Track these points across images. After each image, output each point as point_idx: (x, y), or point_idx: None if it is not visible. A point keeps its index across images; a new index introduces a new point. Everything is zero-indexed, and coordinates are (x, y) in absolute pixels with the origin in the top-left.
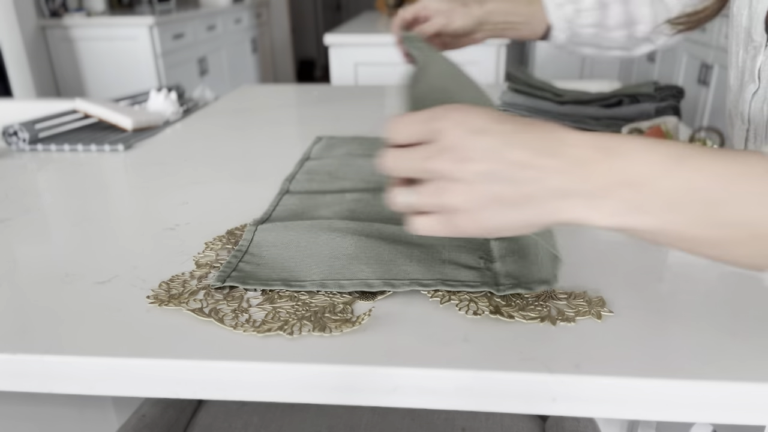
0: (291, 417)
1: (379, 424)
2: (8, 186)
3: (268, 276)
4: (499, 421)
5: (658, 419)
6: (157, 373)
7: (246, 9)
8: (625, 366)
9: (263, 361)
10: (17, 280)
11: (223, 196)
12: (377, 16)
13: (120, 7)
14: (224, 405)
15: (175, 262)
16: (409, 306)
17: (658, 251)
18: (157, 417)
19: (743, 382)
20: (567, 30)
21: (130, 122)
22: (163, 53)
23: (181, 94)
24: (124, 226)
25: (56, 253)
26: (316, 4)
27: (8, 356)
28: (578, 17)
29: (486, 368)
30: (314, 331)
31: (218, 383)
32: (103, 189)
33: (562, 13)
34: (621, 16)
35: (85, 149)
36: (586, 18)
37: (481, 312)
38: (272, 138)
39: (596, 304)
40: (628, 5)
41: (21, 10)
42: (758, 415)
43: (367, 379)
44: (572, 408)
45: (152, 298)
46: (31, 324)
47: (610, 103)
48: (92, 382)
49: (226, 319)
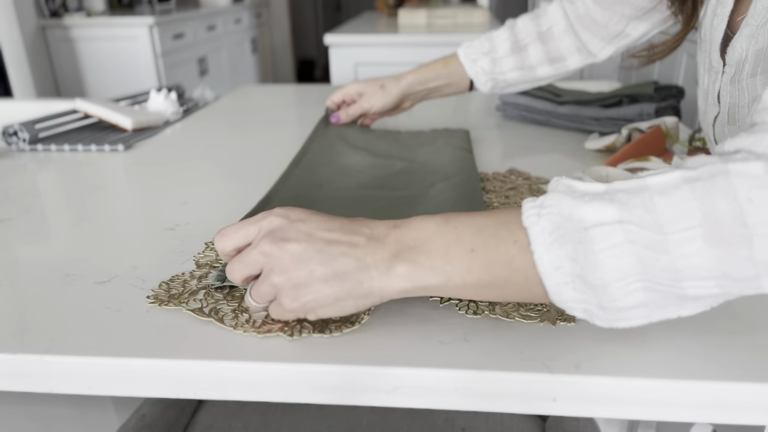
0: (291, 417)
1: (379, 424)
2: (8, 186)
3: None
4: (499, 421)
5: (658, 419)
6: (157, 373)
7: (246, 9)
8: (625, 366)
9: (263, 361)
10: (17, 280)
11: (223, 196)
12: (377, 16)
13: (120, 7)
14: (224, 405)
15: (175, 262)
16: (409, 306)
17: None
18: (157, 417)
19: (743, 382)
20: (489, 81)
21: (130, 122)
22: (163, 53)
23: (181, 94)
24: (124, 226)
25: (56, 253)
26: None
27: (8, 356)
28: (496, 66)
29: (486, 368)
30: (314, 332)
31: (218, 383)
32: (103, 189)
33: (479, 67)
34: (543, 54)
35: (85, 149)
36: (505, 65)
37: (480, 312)
38: (272, 138)
39: None
40: (548, 44)
41: (21, 10)
42: (758, 415)
43: (367, 379)
44: (572, 408)
45: (152, 298)
46: (31, 324)
47: (610, 104)
48: (92, 382)
49: (226, 319)
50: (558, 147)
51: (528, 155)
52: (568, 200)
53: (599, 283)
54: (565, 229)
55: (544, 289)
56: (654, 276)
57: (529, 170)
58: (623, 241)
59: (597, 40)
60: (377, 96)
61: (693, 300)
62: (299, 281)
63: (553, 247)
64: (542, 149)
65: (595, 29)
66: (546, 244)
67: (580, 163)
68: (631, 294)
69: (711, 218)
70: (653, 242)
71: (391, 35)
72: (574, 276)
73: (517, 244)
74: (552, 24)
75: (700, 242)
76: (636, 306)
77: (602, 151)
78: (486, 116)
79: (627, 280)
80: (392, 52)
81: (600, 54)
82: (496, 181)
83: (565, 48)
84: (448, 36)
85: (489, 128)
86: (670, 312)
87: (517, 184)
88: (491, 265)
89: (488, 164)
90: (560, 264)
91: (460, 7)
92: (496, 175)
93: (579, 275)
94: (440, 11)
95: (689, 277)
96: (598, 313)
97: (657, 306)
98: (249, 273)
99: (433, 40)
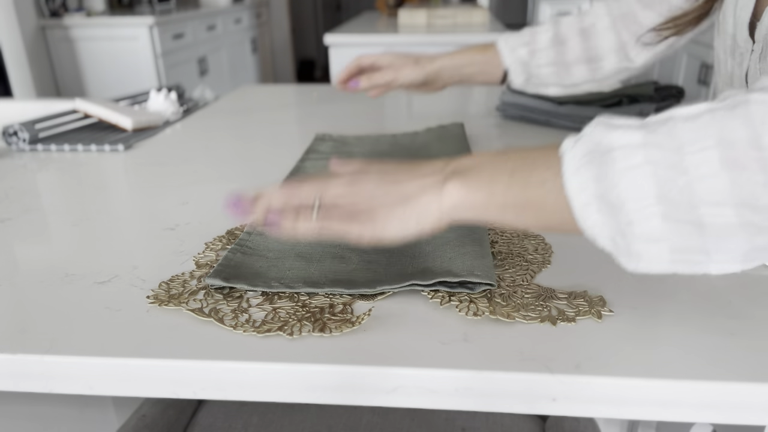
0: (291, 417)
1: (379, 424)
2: (8, 186)
3: (265, 273)
4: (499, 421)
5: (658, 419)
6: (157, 373)
7: (246, 9)
8: (625, 366)
9: (263, 361)
10: (17, 280)
11: (223, 196)
12: (377, 16)
13: (120, 7)
14: (224, 405)
15: (175, 262)
16: (409, 306)
17: None
18: (157, 417)
19: (743, 382)
20: (523, 72)
21: (130, 122)
22: (163, 53)
23: (181, 94)
24: (124, 226)
25: (56, 253)
26: (316, 4)
27: (8, 356)
28: (533, 58)
29: (486, 368)
30: (314, 332)
31: (218, 383)
32: (103, 189)
33: (516, 56)
34: (581, 51)
35: (85, 149)
36: (542, 58)
37: (481, 312)
38: (272, 138)
39: (596, 304)
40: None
41: (21, 10)
42: (758, 415)
43: (367, 379)
44: (572, 408)
45: (152, 298)
46: (31, 324)
47: (610, 104)
48: (92, 382)
49: (226, 319)
50: None
51: None
52: (602, 129)
53: (617, 202)
54: (594, 154)
55: (572, 212)
56: (672, 200)
57: None
58: (643, 162)
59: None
60: (408, 69)
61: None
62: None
63: (580, 170)
64: None
65: (635, 29)
66: (575, 168)
67: None
68: (649, 219)
69: (726, 141)
70: (671, 163)
71: (391, 35)
72: (597, 196)
73: (551, 169)
74: (595, 20)
75: (715, 164)
76: (655, 239)
77: None
78: (486, 116)
79: (645, 201)
80: None
81: (636, 59)
82: None
83: (605, 47)
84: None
85: (489, 128)
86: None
87: None
88: (527, 187)
89: None
90: (586, 186)
91: (460, 7)
92: None
93: (601, 195)
94: (440, 11)
95: (706, 201)
96: (620, 243)
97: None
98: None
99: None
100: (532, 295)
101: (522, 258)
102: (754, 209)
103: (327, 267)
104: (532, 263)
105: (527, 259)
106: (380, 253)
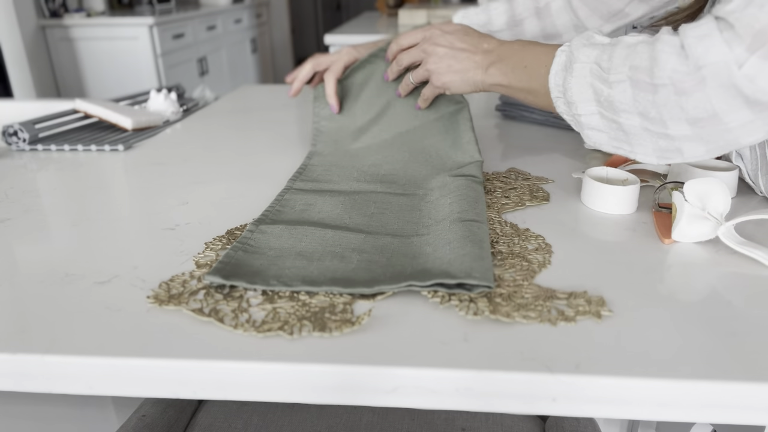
0: (291, 417)
1: (379, 424)
2: (8, 186)
3: (264, 271)
4: (499, 421)
5: (658, 419)
6: (157, 373)
7: (246, 9)
8: (625, 366)
9: (263, 361)
10: (17, 280)
11: (223, 196)
12: (377, 16)
13: (120, 7)
14: (224, 405)
15: (175, 262)
16: (409, 306)
17: (658, 251)
18: (157, 417)
19: (743, 382)
20: None
21: (130, 122)
22: (163, 53)
23: (181, 94)
24: (124, 226)
25: (56, 253)
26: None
27: (8, 356)
28: None
29: (486, 368)
30: (314, 331)
31: (218, 383)
32: (103, 189)
33: None
34: (537, 30)
35: (85, 149)
36: None
37: (481, 312)
38: (272, 138)
39: (596, 304)
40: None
41: (21, 10)
42: (758, 415)
43: (367, 379)
44: (572, 408)
45: (152, 298)
46: (31, 324)
47: None
48: (92, 382)
49: (226, 319)
50: (558, 147)
51: (528, 155)
52: (578, 44)
53: (571, 101)
54: (565, 63)
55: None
56: (602, 104)
57: (529, 170)
58: (587, 74)
59: (596, 18)
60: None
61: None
62: (442, 69)
63: (559, 73)
64: (542, 149)
65: (594, 5)
66: (554, 72)
67: (580, 163)
68: (591, 115)
69: (635, 66)
70: (604, 78)
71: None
72: (561, 93)
73: (545, 66)
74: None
75: (627, 83)
76: (597, 129)
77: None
78: (486, 116)
79: (587, 103)
80: None
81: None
82: (497, 181)
83: (562, 25)
84: None
85: (489, 128)
86: (625, 147)
87: (517, 185)
88: (532, 77)
89: (488, 164)
90: (556, 85)
91: (460, 7)
92: (496, 175)
93: (563, 93)
94: (440, 11)
95: (620, 109)
96: (576, 127)
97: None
98: (411, 61)
99: None
100: (532, 295)
101: (522, 258)
102: (649, 120)
103: (327, 266)
104: (532, 263)
105: (527, 259)
106: (380, 253)
